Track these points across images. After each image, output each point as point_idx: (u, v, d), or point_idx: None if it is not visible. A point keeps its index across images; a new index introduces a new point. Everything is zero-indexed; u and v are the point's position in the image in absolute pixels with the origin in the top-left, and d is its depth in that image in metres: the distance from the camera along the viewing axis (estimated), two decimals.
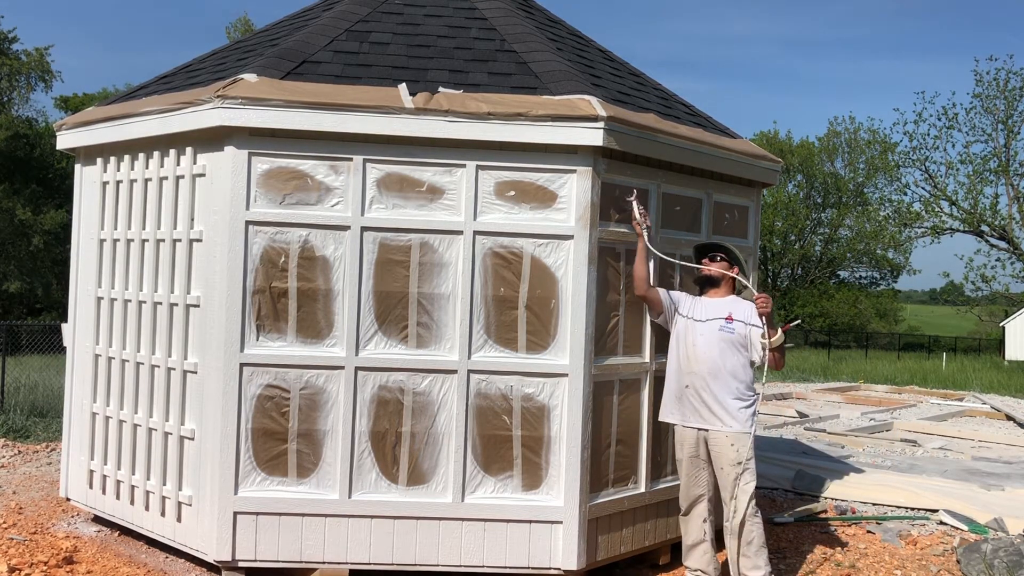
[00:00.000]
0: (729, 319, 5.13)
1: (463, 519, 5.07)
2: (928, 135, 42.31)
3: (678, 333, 5.26)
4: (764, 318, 5.07)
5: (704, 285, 5.38)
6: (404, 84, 5.16)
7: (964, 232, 36.31)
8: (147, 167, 5.59)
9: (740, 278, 5.31)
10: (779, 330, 5.10)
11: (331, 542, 5.04)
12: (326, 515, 5.03)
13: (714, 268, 5.28)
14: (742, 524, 5.00)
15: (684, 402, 5.19)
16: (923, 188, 37.48)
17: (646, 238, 5.29)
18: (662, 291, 5.39)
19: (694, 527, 5.22)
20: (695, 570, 5.19)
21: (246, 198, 5.00)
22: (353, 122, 4.95)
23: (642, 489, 5.52)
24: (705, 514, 5.21)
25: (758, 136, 49.36)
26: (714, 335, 5.12)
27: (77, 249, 6.25)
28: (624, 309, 5.40)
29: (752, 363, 5.17)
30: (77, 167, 6.24)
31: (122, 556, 5.56)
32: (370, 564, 5.07)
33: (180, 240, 5.32)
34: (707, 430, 5.11)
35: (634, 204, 5.30)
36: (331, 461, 5.04)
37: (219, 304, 5.02)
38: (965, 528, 6.94)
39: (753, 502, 5.05)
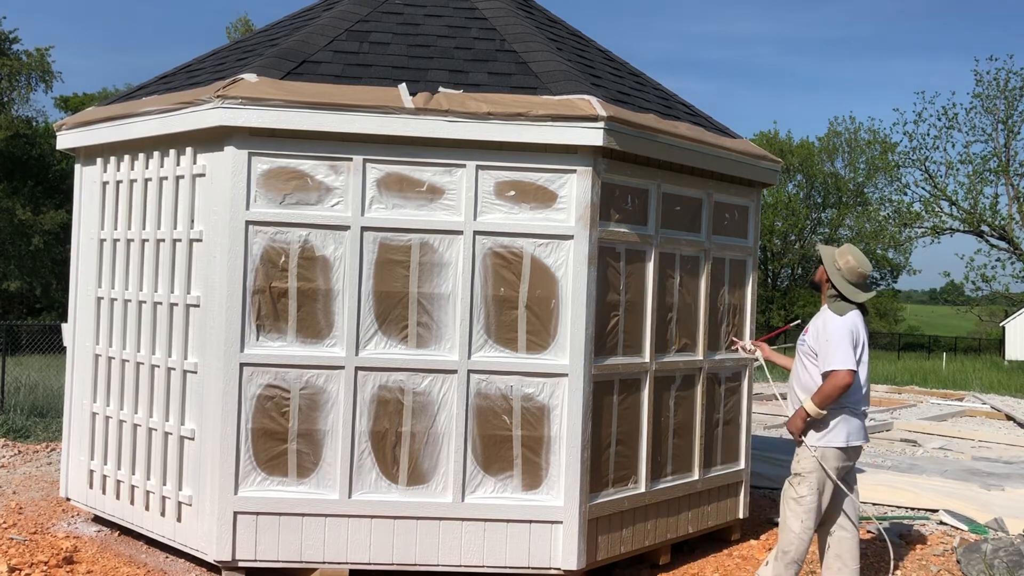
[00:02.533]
0: (806, 331, 4.98)
1: (463, 519, 5.07)
2: (928, 135, 42.22)
3: None
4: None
5: (818, 289, 5.16)
6: (404, 84, 5.16)
7: (964, 232, 36.28)
8: (147, 167, 5.59)
9: (845, 289, 4.91)
10: (807, 401, 4.84)
11: (331, 542, 5.04)
12: (326, 515, 5.03)
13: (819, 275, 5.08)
14: (785, 532, 4.90)
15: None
16: (923, 188, 37.46)
17: (762, 360, 5.53)
18: (806, 348, 5.02)
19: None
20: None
21: (246, 198, 5.00)
22: (353, 122, 4.95)
23: (642, 489, 5.52)
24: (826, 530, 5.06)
25: (758, 136, 49.33)
26: (798, 349, 5.04)
27: (77, 249, 6.25)
28: (624, 309, 5.40)
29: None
30: (77, 167, 6.25)
31: (122, 556, 5.56)
32: (370, 564, 5.07)
33: (180, 240, 5.32)
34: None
35: (739, 348, 5.71)
36: (331, 461, 5.04)
37: (219, 304, 5.02)
38: (965, 528, 6.94)
39: (806, 518, 4.84)
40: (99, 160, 5.97)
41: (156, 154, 5.50)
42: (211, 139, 5.12)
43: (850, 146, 48.96)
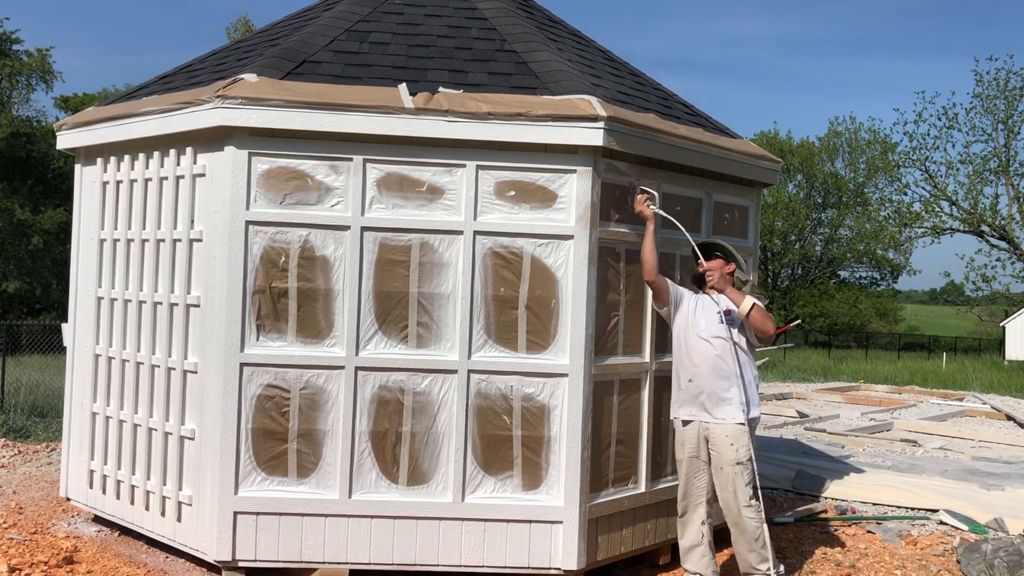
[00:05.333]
0: (728, 311, 5.11)
1: (463, 519, 5.07)
2: (928, 135, 42.28)
3: (679, 329, 5.24)
4: (717, 291, 5.13)
5: (703, 283, 5.29)
6: (404, 84, 5.16)
7: (964, 232, 36.30)
8: (147, 167, 5.59)
9: (739, 274, 5.29)
10: (745, 296, 5.07)
11: (331, 542, 5.04)
12: (326, 515, 5.03)
13: (713, 264, 5.22)
14: (747, 520, 4.99)
15: (687, 398, 5.16)
16: (923, 188, 37.47)
17: (653, 211, 5.19)
18: (670, 282, 5.34)
19: (692, 529, 5.20)
20: (694, 572, 5.19)
21: (246, 198, 5.00)
22: (353, 122, 4.95)
23: (642, 489, 5.52)
24: (704, 517, 5.16)
25: (758, 136, 49.33)
26: (713, 328, 5.10)
27: (77, 249, 6.25)
28: (624, 309, 5.40)
29: (753, 347, 5.21)
30: (77, 167, 6.25)
31: (122, 556, 5.56)
32: (370, 564, 5.07)
33: (180, 240, 5.32)
34: (708, 425, 5.08)
35: (639, 188, 5.26)
36: (331, 461, 5.04)
37: (219, 304, 5.02)
38: (965, 528, 6.94)
39: (756, 503, 5.03)
40: (99, 160, 5.97)
41: (156, 154, 5.50)
42: (211, 139, 5.12)
43: (850, 146, 48.98)
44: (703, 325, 5.13)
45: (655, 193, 5.30)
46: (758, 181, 6.42)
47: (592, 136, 4.99)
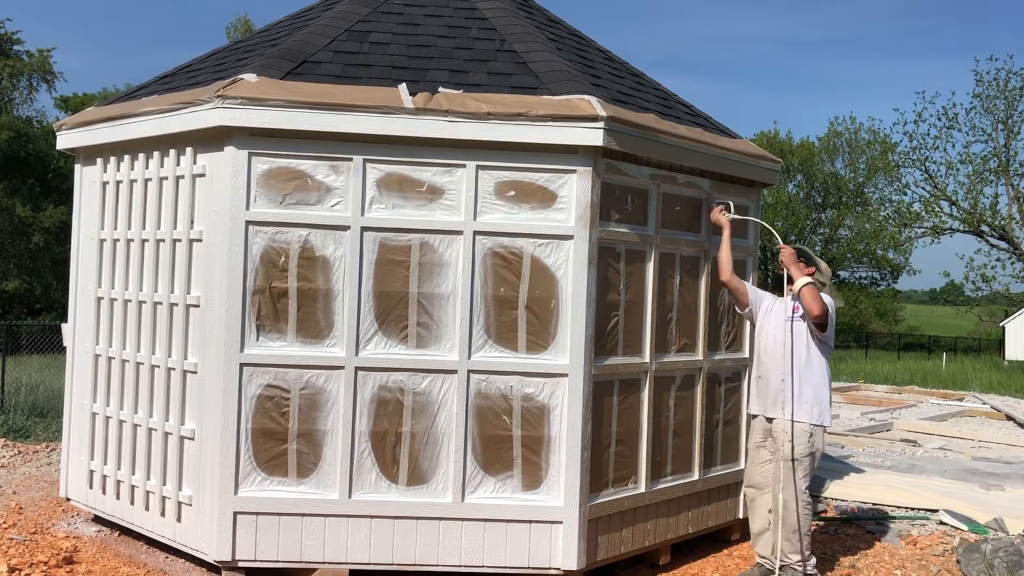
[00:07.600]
0: (795, 309, 5.31)
1: (463, 519, 5.07)
2: (928, 135, 42.21)
3: (758, 328, 5.52)
4: (786, 268, 5.32)
5: (782, 286, 5.54)
6: (404, 84, 5.16)
7: (964, 232, 36.28)
8: (147, 167, 5.59)
9: (818, 275, 5.42)
10: (804, 275, 5.22)
11: (331, 542, 5.04)
12: (326, 515, 5.03)
13: (789, 265, 5.38)
14: (791, 512, 5.17)
15: (756, 393, 5.45)
16: (923, 188, 37.46)
17: (729, 219, 5.69)
18: (748, 284, 5.62)
19: (760, 516, 5.45)
20: (763, 556, 5.44)
21: (246, 198, 5.00)
22: (353, 122, 4.95)
23: (642, 489, 5.52)
24: (770, 504, 5.35)
25: (758, 136, 49.29)
26: (782, 325, 5.31)
27: (77, 249, 6.25)
28: (624, 309, 5.40)
29: (825, 346, 5.31)
30: (77, 167, 6.25)
31: (122, 556, 5.56)
32: (370, 564, 5.07)
33: (180, 240, 5.32)
34: (771, 420, 5.32)
35: (715, 200, 5.79)
36: (331, 461, 5.04)
37: (219, 304, 5.02)
38: (965, 528, 6.94)
39: (807, 492, 5.25)
40: (99, 160, 5.97)
41: (156, 154, 5.50)
42: (211, 139, 5.12)
43: (850, 146, 48.94)
44: (773, 323, 5.38)
45: (730, 203, 5.83)
46: (758, 181, 6.43)
47: (592, 136, 4.99)
